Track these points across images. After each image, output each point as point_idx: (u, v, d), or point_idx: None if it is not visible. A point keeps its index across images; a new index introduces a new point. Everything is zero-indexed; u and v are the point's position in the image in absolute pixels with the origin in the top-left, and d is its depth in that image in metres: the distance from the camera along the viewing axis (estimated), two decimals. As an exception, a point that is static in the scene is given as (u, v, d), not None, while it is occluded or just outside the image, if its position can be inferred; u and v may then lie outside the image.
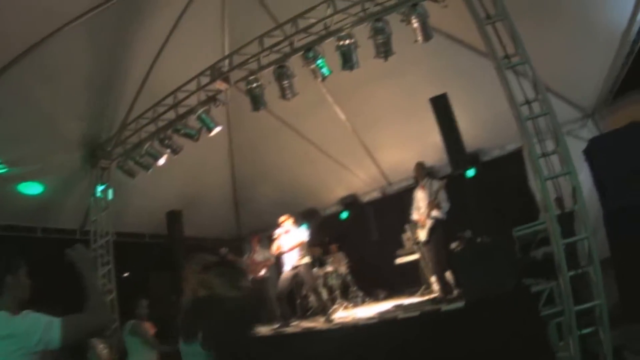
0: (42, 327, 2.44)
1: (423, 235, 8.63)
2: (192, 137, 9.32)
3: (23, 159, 9.12)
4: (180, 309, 3.91)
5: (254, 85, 8.43)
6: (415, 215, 8.86)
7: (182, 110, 9.26)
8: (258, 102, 8.54)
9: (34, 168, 9.33)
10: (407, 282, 11.43)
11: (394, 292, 11.55)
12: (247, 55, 8.50)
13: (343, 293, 11.31)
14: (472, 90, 10.01)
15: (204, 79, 8.94)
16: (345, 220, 14.05)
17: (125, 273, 10.42)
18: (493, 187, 10.70)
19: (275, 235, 9.35)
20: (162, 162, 9.77)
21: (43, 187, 9.85)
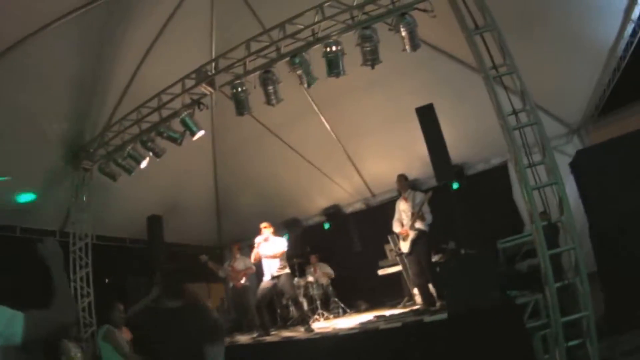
0: (4, 320, 2.26)
1: (405, 247, 8.49)
2: (175, 140, 9.08)
3: (2, 159, 8.77)
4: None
5: (239, 90, 8.25)
6: (397, 228, 8.73)
7: (166, 113, 9.03)
8: (242, 106, 8.35)
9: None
10: (389, 293, 11.33)
11: (376, 303, 11.41)
12: (233, 60, 8.33)
13: (324, 304, 11.15)
14: (458, 103, 10.02)
15: (189, 82, 8.73)
16: (328, 231, 13.92)
17: (105, 277, 10.14)
18: (478, 200, 10.63)
19: (255, 243, 9.08)
20: (144, 165, 9.51)
21: (28, 196, 9.64)
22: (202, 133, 8.97)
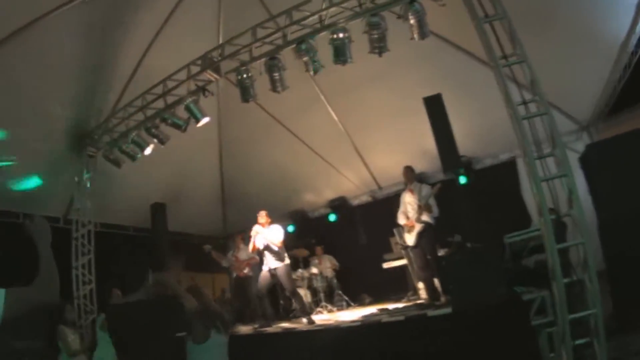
0: None
1: (411, 240, 8.29)
2: (179, 127, 8.95)
3: (7, 145, 8.76)
4: None
5: (244, 76, 8.10)
6: (402, 220, 8.53)
7: (171, 100, 8.91)
8: (248, 93, 8.20)
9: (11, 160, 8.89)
10: (394, 287, 11.15)
11: (380, 297, 11.27)
12: (239, 46, 8.16)
13: (328, 296, 11.00)
14: (466, 97, 9.80)
15: (195, 69, 8.59)
16: (333, 223, 13.74)
17: (107, 265, 10.03)
18: (485, 195, 10.39)
19: (253, 233, 8.91)
20: (148, 151, 9.42)
21: (32, 182, 9.63)
22: (206, 120, 8.81)
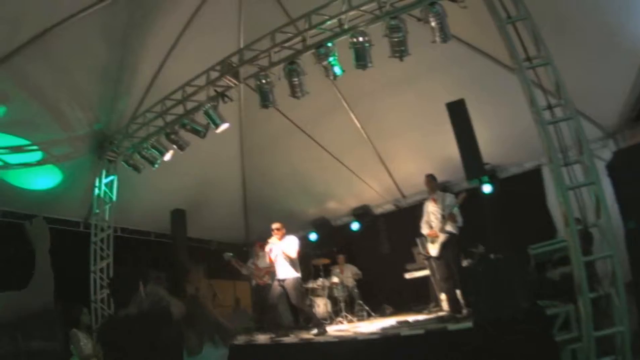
0: None
1: (434, 250, 8.07)
2: (198, 133, 8.89)
3: (29, 147, 8.91)
4: None
5: (263, 82, 8.01)
6: (426, 229, 8.34)
7: (190, 106, 8.85)
8: (267, 99, 8.13)
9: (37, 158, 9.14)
10: (416, 298, 10.91)
11: (402, 308, 11.00)
12: (258, 51, 8.05)
13: (348, 306, 10.72)
14: (490, 103, 9.50)
15: (214, 74, 8.50)
16: (356, 232, 13.42)
17: (124, 269, 9.99)
18: (509, 204, 10.01)
19: (267, 249, 8.76)
20: (167, 157, 9.38)
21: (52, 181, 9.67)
22: (226, 126, 8.73)
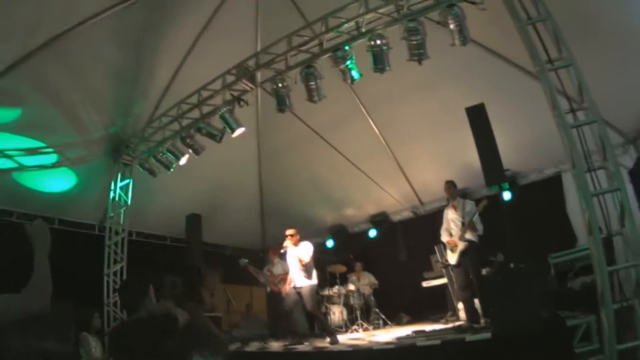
0: None
1: (453, 258, 7.87)
2: (214, 137, 8.80)
3: (44, 149, 8.92)
4: None
5: (280, 85, 7.88)
6: (445, 237, 8.15)
7: (206, 110, 8.77)
8: (283, 103, 7.99)
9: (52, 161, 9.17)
10: (433, 307, 10.70)
11: (418, 317, 10.84)
12: (274, 55, 7.94)
13: (364, 314, 10.54)
14: (510, 109, 9.30)
15: (230, 78, 8.42)
16: (374, 239, 13.23)
17: (140, 274, 9.91)
18: (529, 212, 9.75)
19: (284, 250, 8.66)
20: (183, 161, 9.32)
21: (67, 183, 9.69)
22: (241, 130, 8.63)
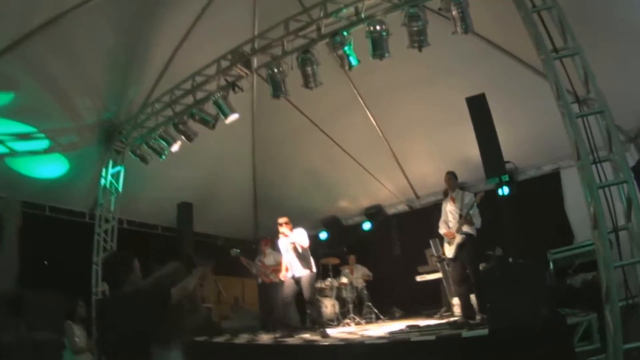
0: None
1: (450, 252, 7.62)
2: (207, 123, 8.61)
3: (36, 135, 8.76)
4: None
5: (275, 71, 7.66)
6: (443, 229, 7.89)
7: (201, 96, 8.56)
8: (278, 89, 7.78)
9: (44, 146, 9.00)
10: (426, 302, 10.51)
11: (412, 311, 10.62)
12: (271, 40, 7.73)
13: (357, 308, 10.33)
14: (510, 103, 9.12)
15: (225, 64, 8.21)
16: (368, 232, 13.03)
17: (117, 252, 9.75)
18: (526, 208, 9.59)
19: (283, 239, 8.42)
20: (175, 148, 9.12)
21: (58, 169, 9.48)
22: (235, 116, 8.43)
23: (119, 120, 9.69)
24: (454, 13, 6.37)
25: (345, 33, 7.05)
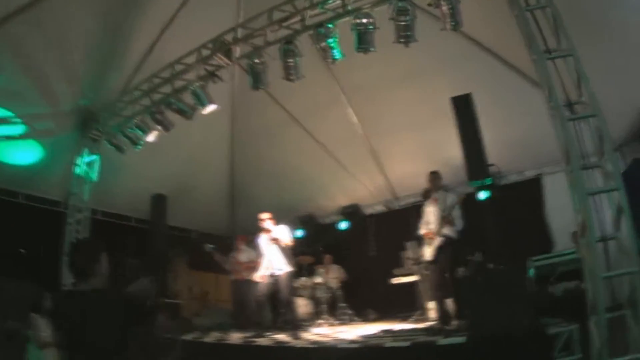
0: None
1: (429, 254, 7.23)
2: (184, 113, 8.25)
3: (12, 119, 8.41)
4: None
5: (256, 61, 7.31)
6: (424, 230, 7.46)
7: (180, 85, 8.20)
8: (258, 80, 7.44)
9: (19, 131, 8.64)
10: (401, 305, 10.02)
11: (386, 314, 10.27)
12: (253, 30, 7.38)
13: (330, 308, 10.00)
14: (494, 106, 8.76)
15: (206, 52, 7.86)
16: (344, 231, 12.67)
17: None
18: (506, 213, 9.29)
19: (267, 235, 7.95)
20: (151, 138, 8.76)
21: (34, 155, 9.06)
22: (213, 107, 8.10)
23: (97, 108, 9.27)
24: (444, 9, 6.11)
25: (331, 25, 6.74)
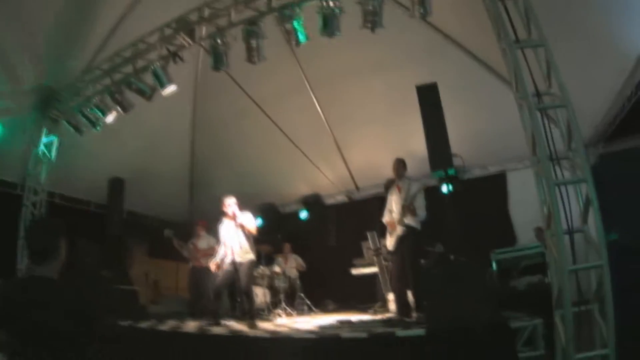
0: None
1: (391, 244, 6.95)
2: (144, 93, 7.78)
3: None
4: None
5: (218, 42, 6.94)
6: (387, 217, 7.18)
7: (141, 64, 7.75)
8: (220, 61, 7.03)
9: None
10: (361, 296, 9.85)
11: (345, 305, 10.11)
12: (217, 9, 7.01)
13: (289, 298, 9.71)
14: (459, 100, 8.59)
15: (169, 32, 7.45)
16: (304, 221, 12.36)
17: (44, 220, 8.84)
18: (469, 206, 9.12)
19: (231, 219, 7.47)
20: (110, 119, 8.28)
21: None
22: (172, 88, 7.63)
23: (58, 87, 8.77)
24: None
25: (297, 9, 6.39)
